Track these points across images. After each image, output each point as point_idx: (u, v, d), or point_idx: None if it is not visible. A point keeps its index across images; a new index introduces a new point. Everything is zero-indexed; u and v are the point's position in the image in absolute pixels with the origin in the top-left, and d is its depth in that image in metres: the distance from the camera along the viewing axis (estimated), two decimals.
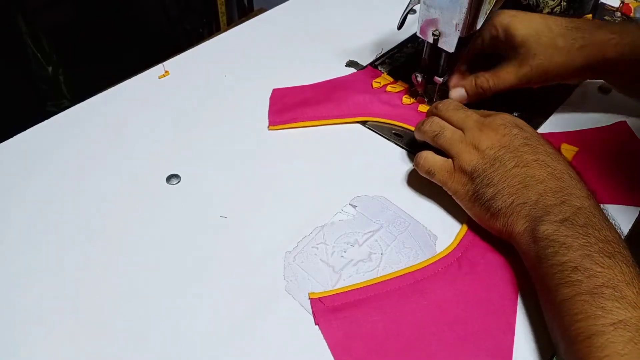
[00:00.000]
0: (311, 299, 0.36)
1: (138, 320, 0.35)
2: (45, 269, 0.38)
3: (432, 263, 0.39)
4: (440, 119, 0.44)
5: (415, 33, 0.48)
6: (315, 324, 0.36)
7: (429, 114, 0.46)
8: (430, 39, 0.47)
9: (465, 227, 0.41)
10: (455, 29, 0.45)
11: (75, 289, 0.37)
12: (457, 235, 0.41)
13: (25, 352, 0.34)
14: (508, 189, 0.37)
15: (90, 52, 1.49)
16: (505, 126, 0.40)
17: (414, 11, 0.48)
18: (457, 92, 0.50)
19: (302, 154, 0.48)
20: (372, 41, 0.62)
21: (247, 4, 1.63)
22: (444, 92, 0.52)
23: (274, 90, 0.55)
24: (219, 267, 0.39)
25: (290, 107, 0.52)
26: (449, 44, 0.46)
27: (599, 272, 0.31)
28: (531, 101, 0.54)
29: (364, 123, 0.51)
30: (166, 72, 0.57)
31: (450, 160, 0.42)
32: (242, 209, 0.43)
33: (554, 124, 0.52)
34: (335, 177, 0.46)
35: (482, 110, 0.45)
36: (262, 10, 0.72)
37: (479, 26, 0.46)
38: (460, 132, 0.42)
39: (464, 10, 0.43)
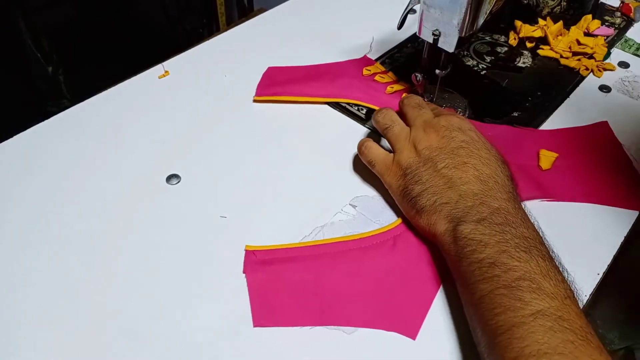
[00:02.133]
0: (246, 251, 0.39)
1: (138, 320, 0.35)
2: (45, 269, 0.38)
3: (369, 236, 0.40)
4: (394, 113, 0.46)
5: (415, 33, 0.48)
6: (243, 272, 0.38)
7: (399, 104, 0.48)
8: (430, 39, 0.47)
9: None
10: (455, 29, 0.45)
11: (75, 289, 0.37)
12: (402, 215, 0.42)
13: (25, 352, 0.34)
14: (433, 188, 0.39)
15: (90, 52, 1.49)
16: (446, 128, 0.41)
17: (414, 11, 0.48)
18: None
19: (302, 154, 0.48)
20: (372, 41, 0.62)
21: (247, 4, 1.63)
22: (444, 90, 0.53)
23: (269, 68, 0.57)
24: (219, 267, 0.39)
25: (279, 83, 0.55)
26: (449, 44, 0.46)
27: (516, 266, 0.32)
28: (532, 100, 0.54)
29: (364, 123, 0.51)
30: (166, 72, 0.57)
31: (391, 155, 0.43)
32: (242, 209, 0.43)
33: (555, 123, 0.52)
34: (335, 177, 0.46)
35: (439, 109, 0.46)
36: (262, 10, 0.72)
37: (479, 26, 0.46)
38: (407, 129, 0.44)
39: (464, 10, 0.43)
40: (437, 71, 0.50)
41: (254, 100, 0.53)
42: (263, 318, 0.35)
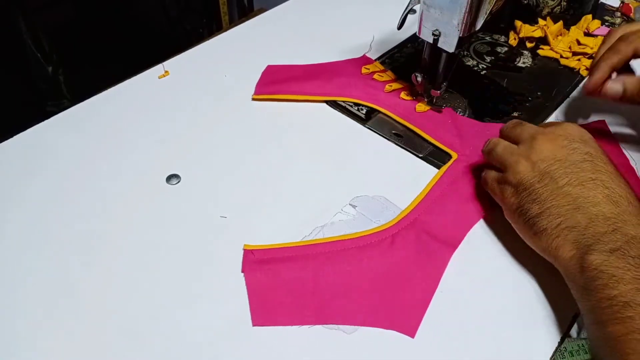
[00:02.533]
0: (244, 250, 0.39)
1: (138, 319, 0.35)
2: (45, 269, 0.38)
3: (367, 235, 0.40)
4: (498, 138, 0.42)
5: (415, 33, 0.48)
6: (241, 272, 0.38)
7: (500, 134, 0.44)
8: (430, 39, 0.47)
9: (409, 207, 0.42)
10: (455, 29, 0.45)
11: (75, 289, 0.37)
12: (400, 213, 0.42)
13: (25, 352, 0.34)
14: (556, 208, 0.34)
15: (90, 52, 1.49)
16: (565, 137, 0.37)
17: (414, 11, 0.48)
18: (614, 88, 0.44)
19: (302, 154, 0.48)
20: (372, 41, 0.62)
21: (247, 4, 1.63)
22: (444, 96, 0.53)
23: (268, 66, 0.58)
24: (218, 266, 0.39)
25: (278, 81, 0.55)
26: (449, 44, 0.46)
27: None
28: (532, 100, 0.54)
29: (364, 123, 0.51)
30: (166, 72, 0.57)
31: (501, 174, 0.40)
32: (242, 209, 0.43)
33: None
34: (335, 177, 0.46)
35: (546, 122, 0.41)
36: (262, 10, 0.72)
37: (479, 26, 0.46)
38: (514, 145, 0.39)
39: (464, 10, 0.43)
40: (434, 91, 0.50)
41: (253, 99, 0.53)
42: (262, 317, 0.35)
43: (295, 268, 0.38)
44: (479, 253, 0.40)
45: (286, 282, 0.37)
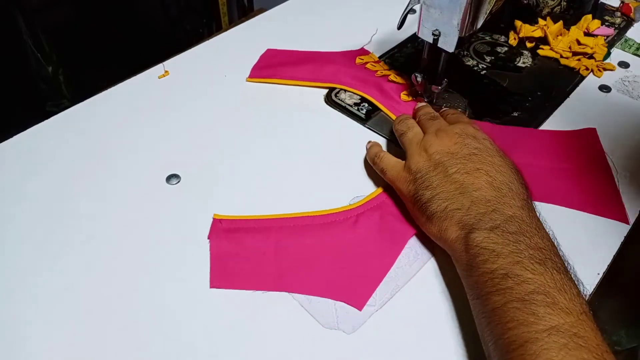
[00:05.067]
0: (214, 219, 0.41)
1: (138, 319, 0.35)
2: (46, 269, 0.38)
3: (333, 213, 0.42)
4: (412, 120, 0.46)
5: (415, 33, 0.48)
6: (207, 239, 0.40)
7: (414, 111, 0.49)
8: (430, 39, 0.47)
9: (379, 190, 0.44)
10: (455, 29, 0.45)
11: (75, 289, 0.37)
12: (369, 194, 0.43)
13: (25, 352, 0.34)
14: (444, 193, 0.38)
15: (90, 52, 1.49)
16: (459, 135, 0.41)
17: (414, 11, 0.48)
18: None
19: (302, 154, 0.48)
20: (373, 41, 0.62)
21: (247, 4, 1.63)
22: (444, 96, 0.53)
23: (267, 50, 0.59)
24: None
25: (273, 65, 0.57)
26: (448, 43, 0.46)
27: (530, 278, 0.31)
28: (532, 100, 0.54)
29: (364, 123, 0.51)
30: (166, 72, 0.57)
31: (403, 162, 0.43)
32: (242, 210, 0.43)
33: (555, 123, 0.52)
34: (335, 177, 0.46)
35: (457, 116, 0.45)
36: (262, 10, 0.72)
37: (479, 26, 0.46)
38: (422, 135, 0.43)
39: (464, 10, 0.43)
40: (434, 87, 0.50)
41: (247, 81, 0.56)
42: (220, 280, 0.37)
43: (259, 238, 0.40)
44: None
45: (248, 250, 0.39)
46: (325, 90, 0.55)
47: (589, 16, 0.64)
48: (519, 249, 0.32)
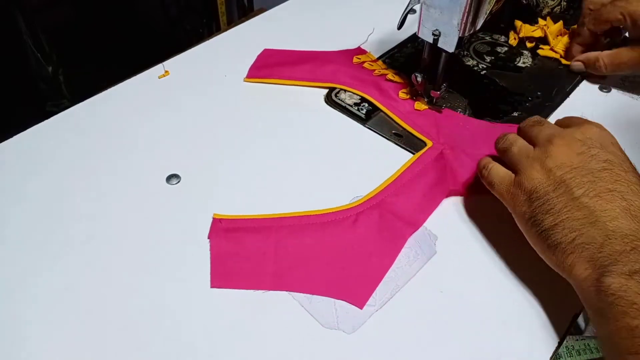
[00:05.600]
0: (214, 218, 0.41)
1: (138, 319, 0.35)
2: (45, 269, 0.38)
3: (332, 212, 0.42)
4: (514, 134, 0.40)
5: (415, 33, 0.48)
6: (207, 238, 0.40)
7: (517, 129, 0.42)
8: (430, 39, 0.47)
9: (378, 189, 0.43)
10: (455, 29, 0.45)
11: (75, 289, 0.37)
12: (368, 193, 0.43)
13: (25, 352, 0.34)
14: (570, 221, 0.32)
15: (90, 52, 1.49)
16: (583, 143, 0.34)
17: (414, 11, 0.48)
18: (575, 66, 0.55)
19: (302, 154, 0.48)
20: (372, 41, 0.62)
21: (247, 4, 1.63)
22: (444, 96, 0.53)
23: (265, 49, 0.59)
24: None
25: (271, 65, 0.57)
26: (449, 43, 0.46)
27: None
28: (532, 100, 0.54)
29: (364, 123, 0.51)
30: (166, 72, 0.57)
31: (513, 174, 0.38)
32: (243, 210, 0.43)
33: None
34: (335, 177, 0.46)
35: (568, 117, 0.39)
36: (262, 10, 0.72)
37: (479, 26, 0.46)
38: (530, 147, 0.37)
39: (464, 10, 0.43)
40: (433, 92, 0.50)
41: (244, 81, 0.55)
42: (220, 280, 0.37)
43: (259, 237, 0.40)
44: (479, 254, 0.40)
45: (248, 249, 0.39)
46: (325, 90, 0.55)
47: None
48: None
